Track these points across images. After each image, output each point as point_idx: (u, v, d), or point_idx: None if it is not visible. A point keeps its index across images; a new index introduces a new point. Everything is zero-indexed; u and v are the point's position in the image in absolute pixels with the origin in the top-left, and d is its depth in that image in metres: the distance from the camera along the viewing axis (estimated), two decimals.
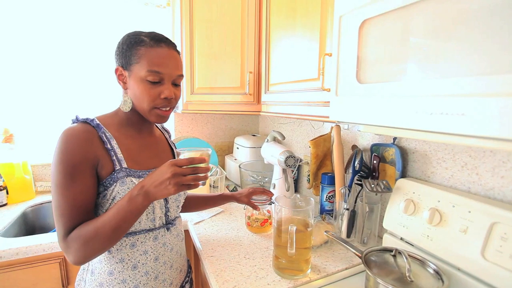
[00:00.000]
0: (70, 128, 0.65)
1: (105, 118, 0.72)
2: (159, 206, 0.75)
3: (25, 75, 1.50)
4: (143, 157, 0.75)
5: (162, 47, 0.69)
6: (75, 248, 0.61)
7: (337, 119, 0.70)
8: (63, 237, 0.63)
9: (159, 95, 0.69)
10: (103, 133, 0.68)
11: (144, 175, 0.71)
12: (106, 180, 0.67)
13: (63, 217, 0.62)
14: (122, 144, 0.71)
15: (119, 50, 0.70)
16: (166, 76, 0.69)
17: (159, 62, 0.68)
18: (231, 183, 1.74)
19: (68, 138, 0.63)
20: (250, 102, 1.29)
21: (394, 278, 0.66)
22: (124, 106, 0.72)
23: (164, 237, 0.76)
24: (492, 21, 0.40)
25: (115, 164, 0.67)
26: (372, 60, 0.60)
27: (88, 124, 0.68)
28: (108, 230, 0.61)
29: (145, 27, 1.67)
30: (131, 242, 0.71)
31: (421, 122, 0.50)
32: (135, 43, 0.68)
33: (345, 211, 0.98)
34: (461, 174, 0.78)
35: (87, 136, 0.65)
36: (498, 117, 0.39)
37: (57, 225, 0.63)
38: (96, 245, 0.62)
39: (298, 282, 0.78)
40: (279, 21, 1.09)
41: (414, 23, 0.52)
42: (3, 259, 0.96)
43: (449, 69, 0.46)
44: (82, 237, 0.61)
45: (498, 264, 0.60)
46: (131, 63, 0.68)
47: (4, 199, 1.36)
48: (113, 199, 0.67)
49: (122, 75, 0.71)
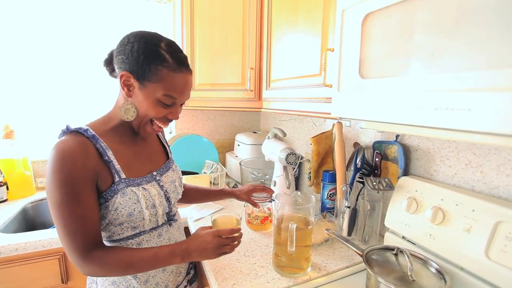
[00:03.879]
0: (63, 143, 0.61)
1: (97, 126, 0.68)
2: (162, 208, 0.75)
3: (26, 72, 1.50)
4: (137, 164, 0.74)
5: (183, 72, 0.67)
6: (96, 270, 0.63)
7: (339, 115, 0.69)
8: (81, 254, 0.61)
9: (166, 116, 0.70)
10: (99, 145, 0.65)
11: (142, 183, 0.71)
12: (106, 192, 0.65)
13: (76, 236, 0.61)
14: (118, 153, 0.68)
15: (132, 55, 0.63)
16: (179, 102, 0.70)
17: (178, 89, 0.67)
18: (232, 180, 1.73)
19: (64, 155, 0.59)
20: (251, 99, 1.28)
21: (396, 277, 0.65)
22: (125, 115, 0.67)
23: (168, 232, 0.78)
24: (500, 11, 0.39)
25: (114, 176, 0.66)
26: (375, 54, 0.59)
27: (82, 134, 0.64)
28: (137, 269, 0.66)
29: (146, 22, 1.66)
30: (137, 242, 0.71)
31: (425, 118, 0.49)
32: (156, 59, 0.63)
33: (346, 209, 0.97)
34: (465, 172, 0.76)
35: (84, 150, 0.62)
36: (506, 112, 0.38)
37: (68, 243, 0.61)
38: (119, 273, 0.67)
39: (298, 280, 0.77)
40: (280, 16, 1.07)
41: (418, 17, 0.50)
42: (2, 255, 0.96)
43: (454, 63, 0.45)
44: (110, 264, 0.63)
45: (502, 264, 0.59)
46: (147, 79, 0.64)
47: (4, 195, 1.36)
48: (115, 210, 0.66)
49: (129, 82, 0.65)
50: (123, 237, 0.70)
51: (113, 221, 0.67)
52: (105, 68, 0.73)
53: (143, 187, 0.70)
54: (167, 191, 0.78)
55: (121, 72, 0.65)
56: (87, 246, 0.62)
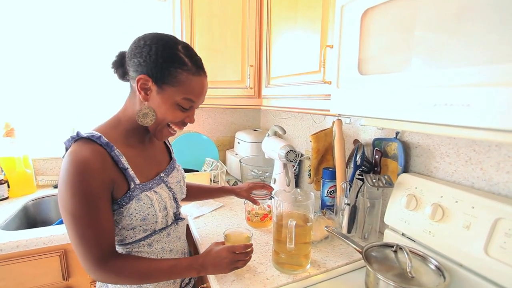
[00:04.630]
0: (78, 153, 0.59)
1: (108, 131, 0.66)
2: (172, 209, 0.76)
3: (26, 70, 1.50)
4: (147, 168, 0.74)
5: (201, 75, 0.67)
6: (112, 278, 0.64)
7: (338, 112, 0.68)
8: (97, 262, 0.61)
9: (183, 120, 0.70)
10: (113, 152, 0.64)
11: (153, 186, 0.72)
12: (121, 199, 0.65)
13: (92, 245, 0.61)
14: (130, 159, 0.68)
15: (149, 58, 0.62)
16: (197, 105, 0.70)
17: (197, 92, 0.67)
18: (232, 178, 1.73)
19: (81, 167, 0.58)
20: (251, 96, 1.28)
21: (395, 274, 0.65)
22: (144, 119, 0.65)
23: (176, 231, 0.79)
24: (499, 7, 0.38)
25: (130, 183, 0.66)
26: (374, 51, 0.58)
27: (95, 142, 0.62)
28: (153, 279, 0.68)
29: (146, 20, 1.65)
30: (148, 243, 0.72)
31: (425, 114, 0.49)
32: (176, 62, 0.63)
33: (346, 206, 0.97)
34: (465, 169, 0.76)
35: (101, 161, 0.61)
36: (506, 107, 0.37)
37: (84, 252, 0.61)
38: (135, 283, 0.69)
39: (297, 277, 0.77)
40: (280, 13, 1.07)
41: (417, 12, 0.50)
42: (3, 252, 0.96)
43: (453, 59, 0.44)
44: (128, 274, 0.65)
45: (501, 261, 0.59)
46: (165, 82, 0.63)
47: (5, 193, 1.36)
48: (130, 216, 0.66)
49: (147, 86, 0.63)
50: (135, 240, 0.71)
51: (126, 226, 0.68)
52: (114, 71, 0.70)
53: (154, 190, 0.71)
54: (174, 191, 0.79)
55: (138, 76, 0.63)
56: (103, 254, 0.62)
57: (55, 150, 1.59)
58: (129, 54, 0.65)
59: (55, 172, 1.59)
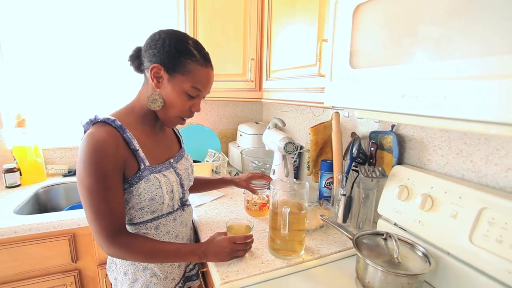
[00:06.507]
0: (95, 134, 0.65)
1: (122, 116, 0.73)
2: (178, 194, 0.80)
3: (37, 62, 1.55)
4: (158, 152, 0.80)
5: (208, 67, 0.74)
6: (122, 253, 0.70)
7: (331, 104, 0.71)
8: (108, 235, 0.68)
9: (190, 107, 0.76)
10: (126, 134, 0.70)
11: (162, 169, 0.77)
12: (132, 178, 0.71)
13: (104, 219, 0.67)
14: (141, 142, 0.74)
15: (163, 49, 0.69)
16: (203, 95, 0.77)
17: (204, 82, 0.74)
18: (233, 169, 1.78)
19: (97, 146, 0.64)
20: (252, 89, 1.30)
21: (384, 260, 0.69)
22: (153, 104, 0.72)
23: (182, 217, 0.85)
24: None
25: (140, 163, 0.72)
26: (364, 45, 0.61)
27: (110, 125, 0.69)
28: (158, 259, 0.74)
29: (150, 15, 1.67)
30: (154, 225, 0.78)
31: (410, 106, 0.51)
32: (187, 53, 0.70)
33: (342, 197, 1.00)
34: (456, 161, 0.78)
35: (114, 141, 0.67)
36: (496, 100, 0.39)
37: (96, 225, 0.67)
38: (141, 260, 0.74)
39: (291, 262, 0.81)
40: (280, 7, 1.09)
41: (406, 7, 0.52)
42: (17, 234, 1.03)
43: (444, 52, 0.46)
44: (136, 250, 0.70)
45: (484, 248, 0.61)
46: (176, 70, 0.70)
47: (18, 180, 1.43)
48: (139, 195, 0.71)
49: (159, 74, 0.70)
50: (142, 221, 0.76)
51: (135, 205, 0.73)
52: (130, 63, 0.77)
53: (163, 173, 0.76)
54: (182, 178, 0.84)
55: (152, 64, 0.69)
56: (113, 228, 0.68)
57: (64, 141, 1.65)
58: (145, 47, 0.73)
59: (64, 161, 1.65)
